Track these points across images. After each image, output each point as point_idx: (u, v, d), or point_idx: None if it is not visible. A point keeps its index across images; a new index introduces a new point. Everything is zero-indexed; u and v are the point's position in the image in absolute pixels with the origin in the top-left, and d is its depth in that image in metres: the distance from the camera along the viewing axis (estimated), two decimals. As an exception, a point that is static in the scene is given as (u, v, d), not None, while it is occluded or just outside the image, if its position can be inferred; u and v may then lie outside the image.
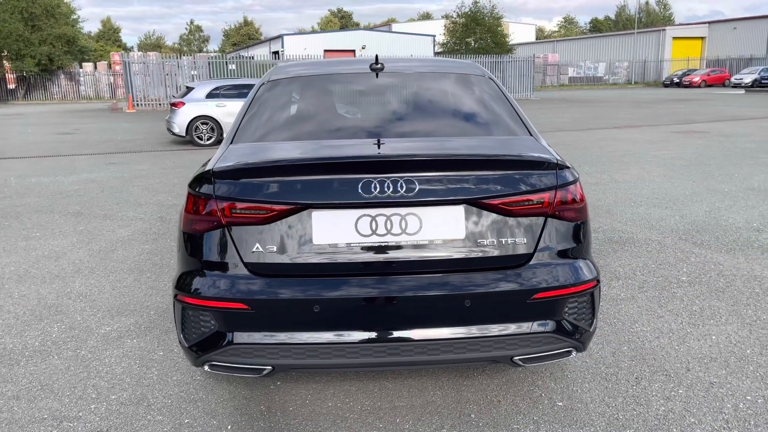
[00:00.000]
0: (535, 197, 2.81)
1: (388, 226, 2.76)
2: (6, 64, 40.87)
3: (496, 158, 2.96)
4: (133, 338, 3.93)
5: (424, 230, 2.76)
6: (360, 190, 2.69)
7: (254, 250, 2.75)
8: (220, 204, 2.77)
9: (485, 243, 2.79)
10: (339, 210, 2.75)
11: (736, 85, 43.39)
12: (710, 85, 47.44)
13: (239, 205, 2.75)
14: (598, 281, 2.90)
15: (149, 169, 11.14)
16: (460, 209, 2.77)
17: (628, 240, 5.83)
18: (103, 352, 3.75)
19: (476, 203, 2.77)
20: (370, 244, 2.75)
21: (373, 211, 2.74)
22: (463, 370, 3.40)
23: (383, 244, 2.75)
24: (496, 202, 2.77)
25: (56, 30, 41.51)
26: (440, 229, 2.76)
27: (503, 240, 2.80)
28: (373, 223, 2.74)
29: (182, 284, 2.82)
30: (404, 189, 2.70)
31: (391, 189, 2.70)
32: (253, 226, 2.76)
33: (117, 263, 5.45)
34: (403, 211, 2.75)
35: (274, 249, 2.74)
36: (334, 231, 2.74)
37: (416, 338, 2.73)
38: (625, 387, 3.21)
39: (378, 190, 2.69)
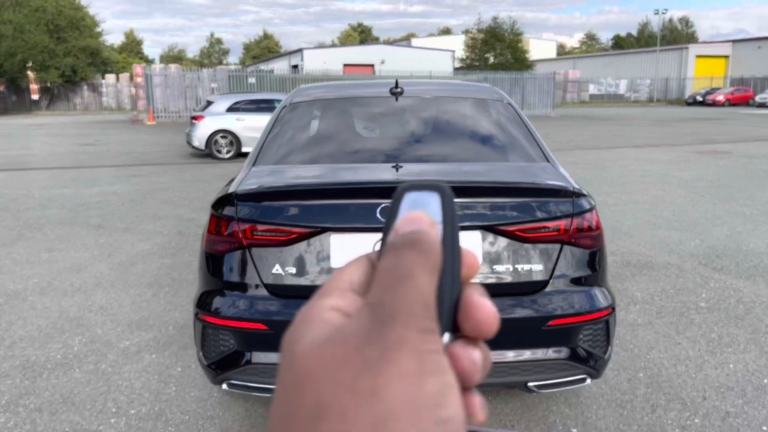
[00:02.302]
0: (551, 224, 2.84)
1: None
2: (30, 74, 41.65)
3: (513, 185, 3.00)
4: (152, 353, 3.99)
5: None
6: (378, 215, 2.74)
7: (274, 271, 2.81)
8: (242, 226, 2.83)
9: (501, 269, 2.82)
10: (357, 233, 2.80)
11: (761, 105, 42.93)
12: (734, 104, 46.99)
13: (260, 227, 2.81)
14: (614, 309, 2.91)
15: (169, 182, 11.29)
16: (476, 234, 2.80)
17: (646, 264, 5.81)
18: (123, 366, 3.81)
19: (492, 229, 2.80)
20: None
21: None
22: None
23: None
24: (512, 228, 2.81)
25: (80, 42, 42.29)
26: None
27: (519, 267, 2.83)
28: None
29: (203, 303, 2.88)
30: None
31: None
32: (273, 248, 2.81)
33: (137, 277, 5.54)
34: None
35: (294, 271, 2.80)
36: (353, 255, 2.79)
37: None
38: (641, 415, 3.21)
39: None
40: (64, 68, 41.46)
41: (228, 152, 15.01)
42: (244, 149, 14.85)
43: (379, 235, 2.70)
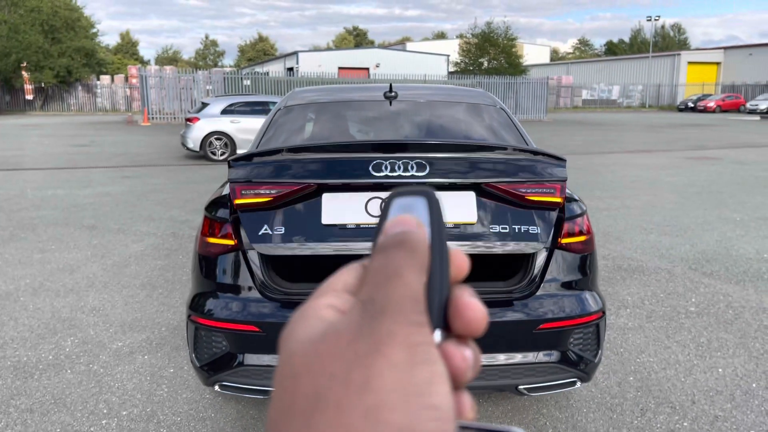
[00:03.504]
0: (547, 186, 2.87)
1: None
2: (25, 75, 41.51)
3: (506, 146, 3.06)
4: (144, 354, 3.99)
5: None
6: (371, 170, 2.75)
7: (262, 232, 2.82)
8: (234, 186, 2.84)
9: (497, 228, 2.84)
10: (349, 192, 2.81)
11: (751, 111, 43.15)
12: (725, 111, 47.25)
13: (252, 187, 2.82)
14: (604, 312, 2.94)
15: (163, 183, 11.28)
16: (471, 194, 2.83)
17: (637, 268, 5.85)
18: (115, 367, 3.81)
19: (487, 186, 2.82)
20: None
21: (384, 194, 2.79)
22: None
23: None
24: (505, 186, 2.84)
25: (75, 43, 42.17)
26: (452, 212, 2.82)
27: (516, 227, 2.85)
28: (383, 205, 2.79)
29: (196, 305, 2.89)
30: (415, 169, 2.76)
31: (401, 169, 2.76)
32: (263, 211, 2.83)
33: (130, 278, 5.54)
34: None
35: (283, 231, 2.81)
36: (343, 212, 2.81)
37: None
38: (630, 418, 3.23)
39: (389, 170, 2.76)
40: (58, 69, 41.31)
41: (222, 154, 15.00)
42: (238, 151, 14.84)
43: (371, 194, 2.70)
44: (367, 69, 51.34)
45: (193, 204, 9.02)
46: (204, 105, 15.86)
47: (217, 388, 2.89)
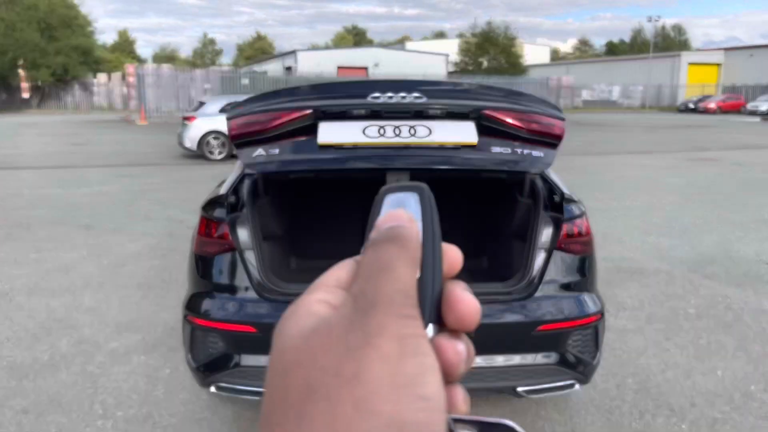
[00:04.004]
0: (547, 130, 2.89)
1: (397, 132, 2.77)
2: (21, 73, 41.39)
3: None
4: (140, 355, 3.97)
5: (434, 135, 2.79)
6: (369, 98, 2.74)
7: (256, 154, 2.83)
8: (229, 124, 2.86)
9: (498, 149, 2.82)
10: (346, 120, 2.79)
11: (752, 113, 43.08)
12: (725, 112, 47.13)
13: (247, 117, 2.84)
14: (603, 314, 2.92)
15: (160, 182, 11.24)
16: (470, 123, 2.80)
17: (637, 270, 5.83)
18: (111, 368, 3.79)
19: (487, 115, 2.80)
20: (377, 144, 2.76)
21: (381, 122, 2.77)
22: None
23: (391, 145, 2.76)
24: (505, 115, 2.82)
25: (72, 41, 42.06)
26: (452, 134, 2.80)
27: (518, 150, 2.84)
28: (381, 130, 2.77)
29: (192, 305, 2.87)
30: (414, 96, 2.74)
31: (401, 95, 2.74)
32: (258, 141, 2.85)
33: (126, 278, 5.51)
34: (412, 122, 2.77)
35: (277, 152, 2.80)
36: (340, 134, 2.78)
37: None
38: (629, 420, 3.22)
39: (388, 96, 2.73)
40: (55, 67, 41.20)
41: (220, 153, 14.96)
42: (235, 151, 14.79)
43: (368, 122, 2.68)
44: (366, 68, 51.29)
45: (190, 204, 8.98)
46: (201, 104, 15.81)
47: (213, 389, 2.86)
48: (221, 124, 14.94)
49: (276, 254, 3.62)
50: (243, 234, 2.87)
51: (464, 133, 2.81)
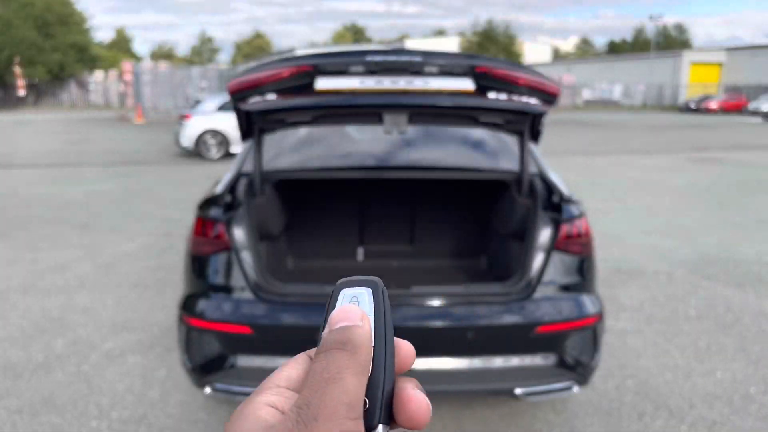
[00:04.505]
0: (542, 87, 2.88)
1: (394, 83, 2.78)
2: (17, 70, 41.27)
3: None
4: (135, 355, 3.93)
5: (431, 86, 2.81)
6: (366, 58, 2.75)
7: (253, 100, 2.84)
8: (232, 88, 2.83)
9: (495, 95, 2.86)
10: (343, 76, 2.80)
11: (754, 113, 43.05)
12: (727, 112, 47.09)
13: (245, 77, 2.81)
14: (602, 316, 2.90)
15: (156, 181, 11.20)
16: (466, 78, 2.83)
17: (637, 271, 5.81)
18: (106, 368, 3.75)
19: (481, 71, 2.81)
20: (374, 89, 2.78)
21: (379, 77, 2.79)
22: (464, 400, 3.39)
23: (390, 91, 2.78)
24: (500, 71, 2.82)
25: (69, 38, 41.98)
26: (449, 84, 2.81)
27: (514, 97, 2.87)
28: (379, 82, 2.78)
29: (188, 305, 2.84)
30: (410, 55, 2.76)
31: (397, 56, 2.76)
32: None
33: (121, 278, 5.47)
34: (409, 77, 2.80)
35: (275, 96, 2.82)
36: (337, 83, 2.79)
37: (425, 367, 2.74)
38: (627, 423, 3.20)
39: (385, 55, 2.75)
40: (51, 64, 41.09)
41: (217, 152, 14.91)
42: (232, 149, 14.76)
43: (366, 77, 2.69)
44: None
45: (187, 203, 8.95)
46: (198, 102, 15.75)
47: (208, 390, 2.83)
48: (218, 122, 14.91)
49: (272, 254, 3.59)
50: (239, 234, 2.85)
51: (461, 83, 2.84)
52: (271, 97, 2.81)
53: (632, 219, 8.17)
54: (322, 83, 2.78)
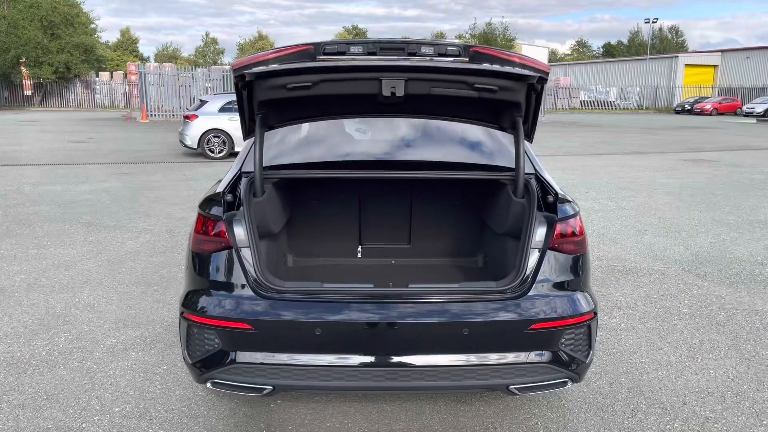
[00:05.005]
0: (534, 65, 3.00)
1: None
2: (23, 70, 41.44)
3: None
4: (138, 351, 4.00)
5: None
6: (366, 41, 2.91)
7: (257, 69, 2.92)
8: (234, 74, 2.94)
9: (489, 67, 2.96)
10: (345, 54, 2.90)
11: (748, 114, 43.10)
12: (722, 114, 47.23)
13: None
14: (596, 313, 2.94)
15: (160, 180, 11.27)
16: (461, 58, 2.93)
17: (631, 269, 5.86)
18: (109, 364, 3.82)
19: (475, 50, 2.93)
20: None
21: (377, 57, 2.91)
22: (461, 395, 3.44)
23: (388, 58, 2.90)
24: (494, 52, 2.96)
25: (74, 39, 42.10)
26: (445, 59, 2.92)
27: (508, 69, 2.96)
28: (378, 60, 2.91)
29: (189, 302, 2.90)
30: (407, 42, 2.89)
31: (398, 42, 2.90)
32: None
33: (125, 275, 5.54)
34: (407, 57, 2.91)
35: (276, 66, 2.91)
36: (338, 56, 2.89)
37: (421, 363, 2.79)
38: (621, 419, 3.24)
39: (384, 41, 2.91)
40: (57, 65, 41.24)
41: (220, 152, 14.99)
42: (236, 149, 14.84)
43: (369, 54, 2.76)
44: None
45: (190, 201, 9.03)
46: (202, 102, 15.84)
47: (209, 385, 2.89)
48: (222, 122, 14.99)
49: (273, 252, 3.65)
50: (239, 232, 2.90)
51: (457, 60, 2.95)
52: (273, 65, 2.91)
53: (627, 218, 8.21)
54: (322, 58, 2.90)
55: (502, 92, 3.09)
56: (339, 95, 3.15)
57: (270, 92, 3.09)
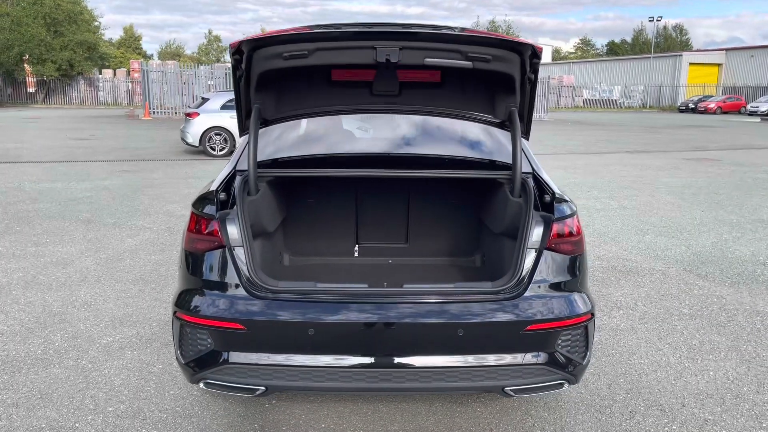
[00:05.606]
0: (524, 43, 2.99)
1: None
2: (27, 67, 41.49)
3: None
4: (133, 350, 3.98)
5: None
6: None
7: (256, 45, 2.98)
8: (233, 60, 3.00)
9: (482, 51, 3.02)
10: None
11: (752, 113, 43.02)
12: (726, 112, 47.12)
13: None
14: (593, 314, 2.91)
15: (161, 178, 11.26)
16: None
17: (632, 269, 5.82)
18: (104, 362, 3.80)
19: (466, 31, 3.03)
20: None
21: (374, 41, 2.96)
22: (457, 396, 3.41)
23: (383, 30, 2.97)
24: (484, 32, 3.09)
25: (78, 36, 42.14)
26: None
27: (500, 52, 3.02)
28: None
29: (181, 302, 2.87)
30: (402, 29, 2.93)
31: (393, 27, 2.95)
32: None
33: (123, 273, 5.52)
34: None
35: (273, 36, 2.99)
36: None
37: (415, 364, 2.76)
38: (619, 420, 3.21)
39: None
40: (60, 62, 41.30)
41: (222, 149, 14.98)
42: (237, 146, 14.80)
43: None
44: (370, 66, 51.06)
45: (190, 199, 8.97)
46: (204, 100, 15.83)
47: (201, 385, 2.86)
48: (223, 120, 14.97)
49: (268, 251, 3.62)
50: (233, 231, 2.87)
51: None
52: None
53: (628, 218, 8.17)
54: None
55: (496, 62, 3.06)
56: (334, 64, 3.18)
57: (266, 63, 3.06)
